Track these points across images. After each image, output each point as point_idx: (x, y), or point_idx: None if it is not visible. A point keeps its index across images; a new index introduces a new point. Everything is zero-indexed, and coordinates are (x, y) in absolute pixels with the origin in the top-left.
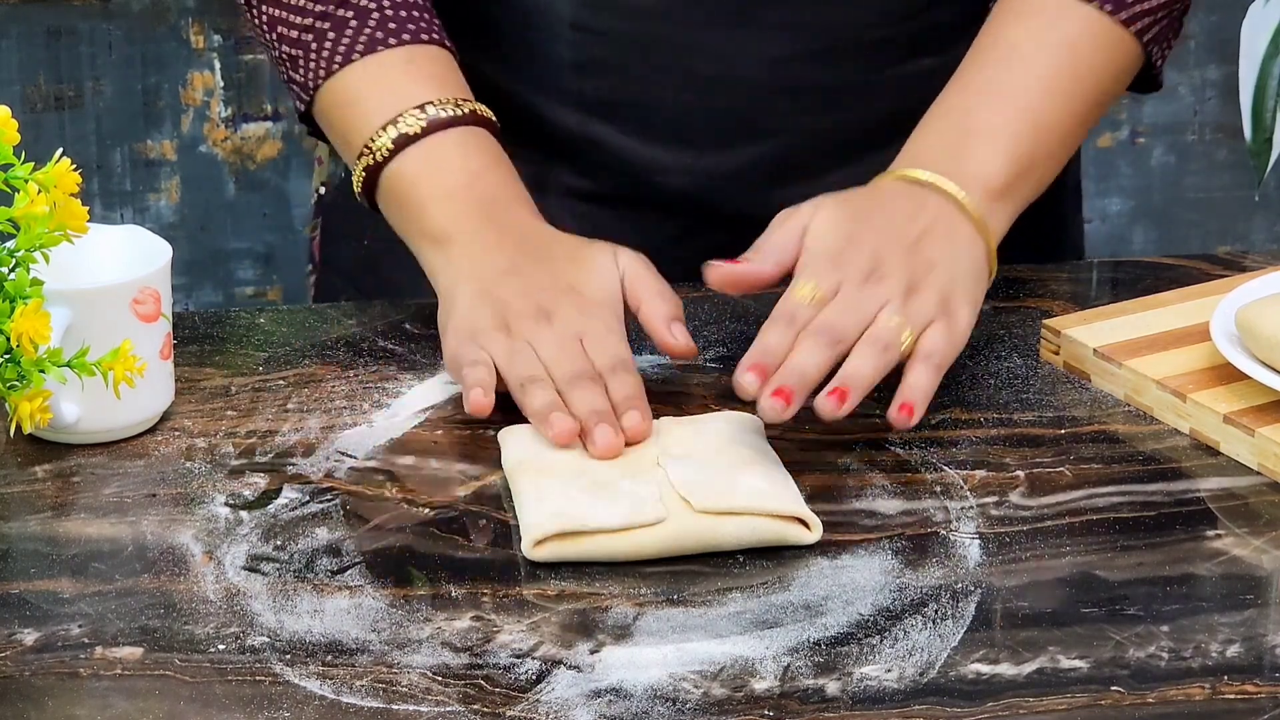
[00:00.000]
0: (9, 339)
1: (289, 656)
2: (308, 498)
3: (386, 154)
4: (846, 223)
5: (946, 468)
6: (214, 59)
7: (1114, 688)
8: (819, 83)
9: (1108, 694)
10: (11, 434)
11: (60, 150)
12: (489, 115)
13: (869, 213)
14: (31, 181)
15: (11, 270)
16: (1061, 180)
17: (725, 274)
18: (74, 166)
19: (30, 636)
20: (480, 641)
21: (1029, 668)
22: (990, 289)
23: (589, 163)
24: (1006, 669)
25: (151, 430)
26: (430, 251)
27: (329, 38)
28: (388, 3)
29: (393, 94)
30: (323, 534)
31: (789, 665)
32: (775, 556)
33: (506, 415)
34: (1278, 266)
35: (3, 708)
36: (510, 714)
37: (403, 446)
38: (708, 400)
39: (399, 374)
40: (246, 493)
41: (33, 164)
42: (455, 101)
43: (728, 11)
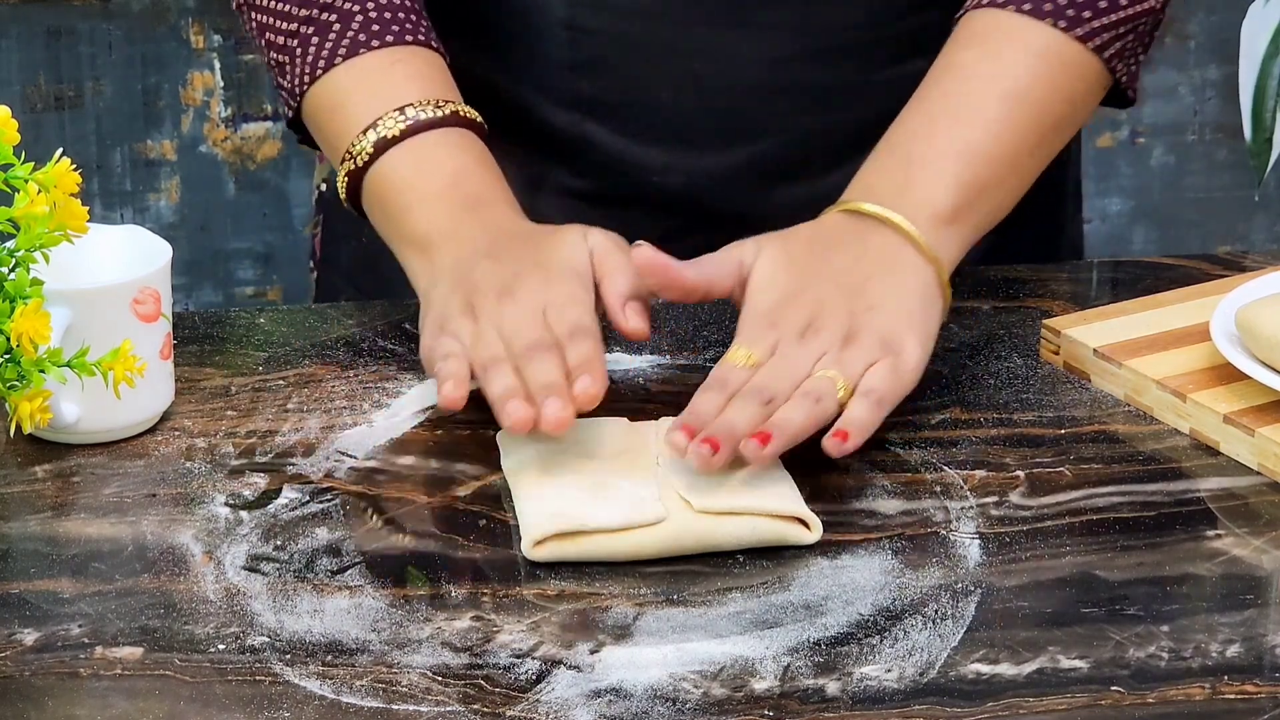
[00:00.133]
0: (9, 339)
1: (289, 656)
2: (308, 498)
3: (367, 158)
4: (785, 273)
5: (946, 468)
6: (214, 59)
7: (1114, 688)
8: (813, 83)
9: (1108, 694)
10: (11, 434)
11: (60, 150)
12: (473, 116)
13: (810, 258)
14: (31, 181)
15: (11, 270)
16: (1061, 181)
17: (650, 257)
18: (74, 166)
19: (30, 636)
20: (480, 641)
21: (1029, 668)
22: (990, 289)
23: (583, 162)
24: (1006, 669)
25: (151, 430)
26: (412, 256)
27: (312, 43)
28: (372, 5)
29: (374, 97)
30: (323, 534)
31: (789, 665)
32: (775, 556)
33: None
34: (1278, 266)
35: (3, 708)
36: (510, 714)
37: (403, 446)
38: None
39: (399, 374)
40: (246, 493)
41: (33, 164)
42: (436, 103)
43: (721, 11)
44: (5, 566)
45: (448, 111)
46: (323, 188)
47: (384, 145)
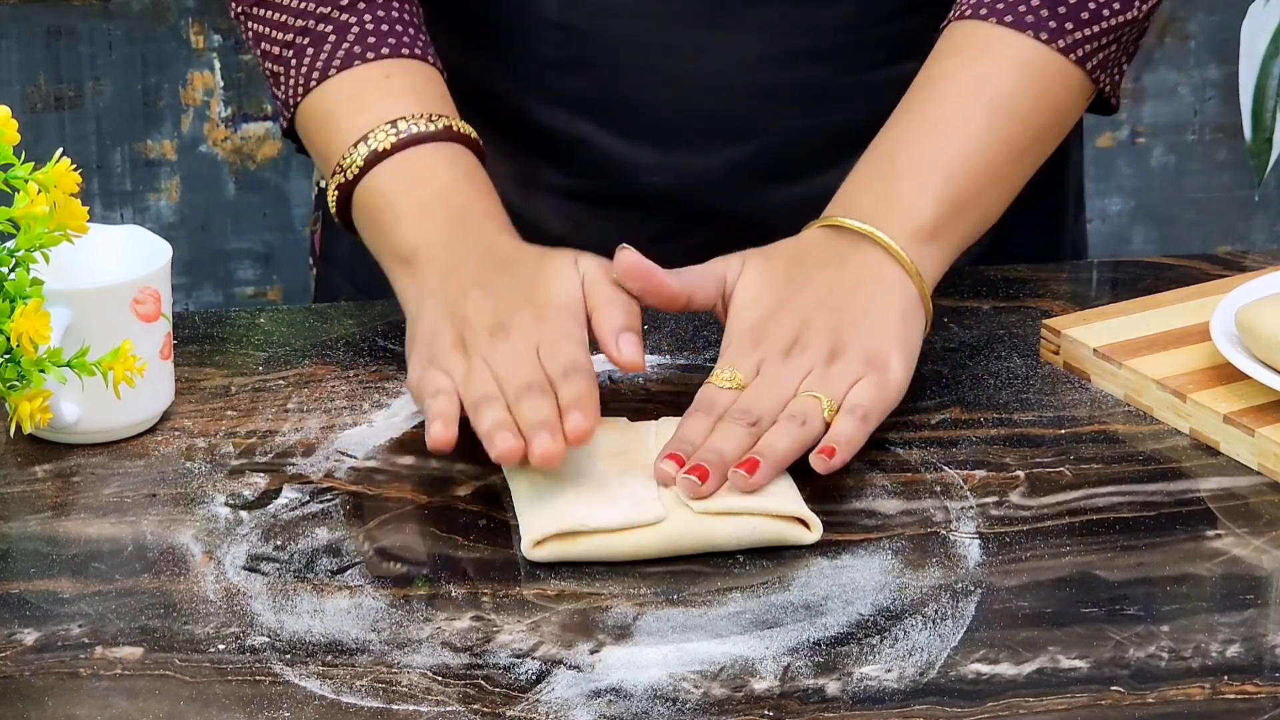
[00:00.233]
0: (9, 339)
1: (289, 656)
2: (308, 498)
3: (358, 171)
4: (768, 290)
5: (946, 468)
6: (214, 59)
7: (1114, 688)
8: (802, 84)
9: (1108, 694)
10: (11, 434)
11: (60, 150)
12: (467, 131)
13: (792, 275)
14: (31, 181)
15: (11, 270)
16: (1062, 183)
17: (632, 262)
18: (74, 166)
19: (30, 636)
20: (480, 641)
21: (1029, 668)
22: (990, 289)
23: (575, 161)
24: (1006, 669)
25: (151, 430)
26: (399, 273)
27: (307, 54)
28: (369, 17)
29: (366, 110)
30: (323, 534)
31: (789, 665)
32: (775, 556)
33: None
34: (1278, 266)
35: (3, 708)
36: (510, 714)
37: (403, 446)
38: None
39: (399, 374)
40: (246, 493)
41: (33, 164)
42: (429, 116)
43: (711, 12)
44: (5, 566)
45: (440, 126)
46: (322, 184)
47: (375, 158)
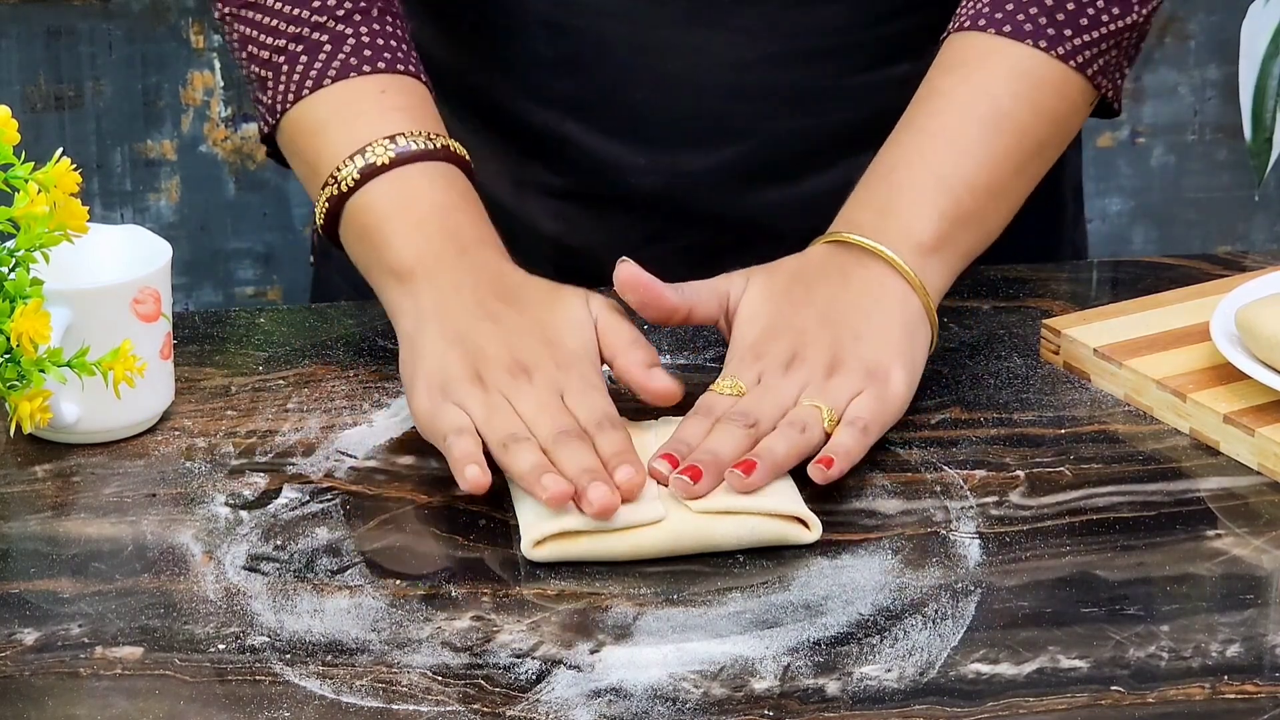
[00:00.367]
0: (9, 339)
1: (289, 656)
2: (308, 498)
3: (352, 184)
4: (771, 305)
5: (946, 468)
6: (214, 59)
7: (1114, 688)
8: (791, 86)
9: (1108, 694)
10: (11, 434)
11: (60, 150)
12: (461, 152)
13: (795, 290)
14: (31, 181)
15: (11, 270)
16: (1058, 183)
17: (632, 274)
18: (74, 166)
19: (30, 636)
20: (480, 641)
21: (1029, 668)
22: (990, 289)
23: (564, 161)
24: (1006, 669)
25: (151, 430)
26: (393, 288)
27: (301, 61)
28: (365, 31)
29: (363, 123)
30: (323, 534)
31: (789, 665)
32: (775, 556)
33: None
34: (1278, 266)
35: (3, 708)
36: (510, 714)
37: (403, 446)
38: None
39: (399, 373)
40: (246, 493)
41: (33, 164)
42: (427, 135)
43: (699, 13)
44: (5, 566)
45: (438, 145)
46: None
47: (371, 172)
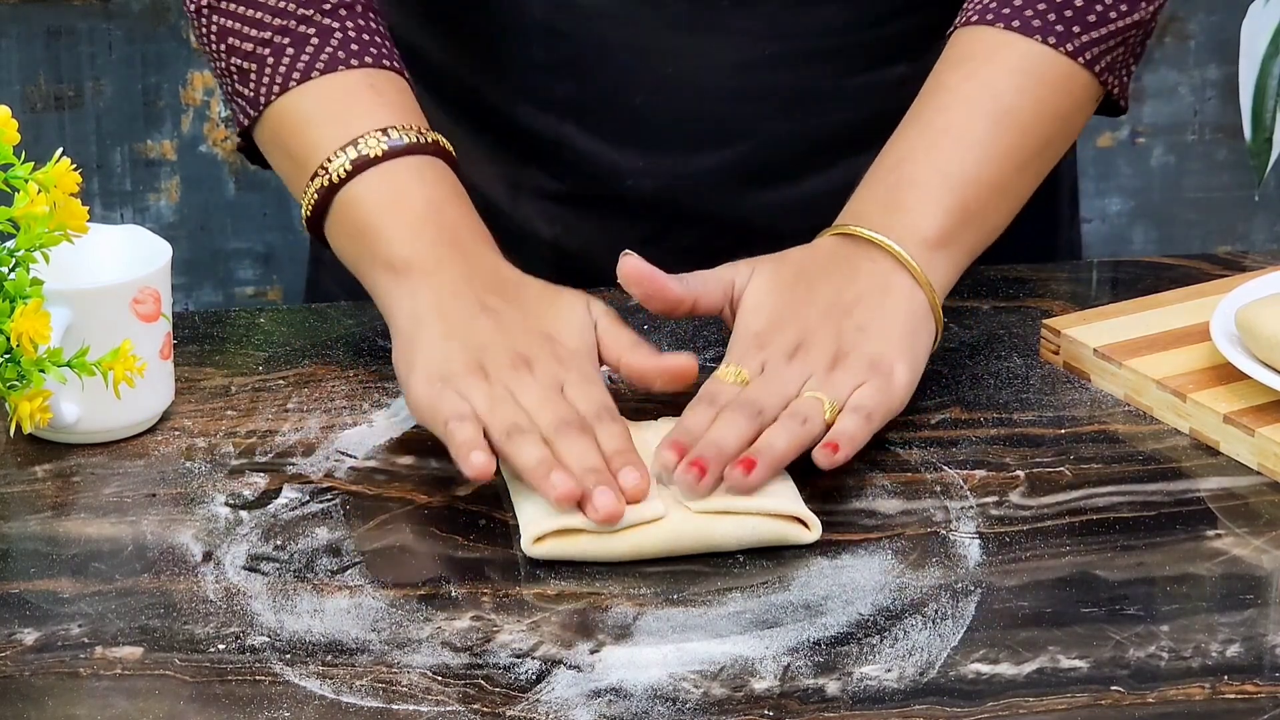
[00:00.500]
0: (9, 339)
1: (289, 656)
2: (308, 498)
3: (344, 175)
4: (776, 296)
5: (946, 468)
6: None
7: (1114, 688)
8: (788, 88)
9: (1108, 694)
10: (11, 434)
11: (60, 150)
12: (448, 148)
13: (800, 282)
14: (31, 181)
15: (11, 270)
16: (1056, 182)
17: (636, 267)
18: (74, 166)
19: (30, 636)
20: (480, 641)
21: (1029, 668)
22: (990, 289)
23: (561, 164)
24: (1006, 669)
25: (151, 430)
26: (387, 282)
27: (287, 53)
28: (350, 26)
29: (353, 115)
30: (323, 534)
31: (789, 665)
32: (775, 556)
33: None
34: (1278, 266)
35: (3, 708)
36: (510, 714)
37: (403, 446)
38: None
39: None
40: (246, 493)
41: (33, 164)
42: (418, 129)
43: (696, 16)
44: (5, 566)
45: (429, 139)
46: None
47: (364, 164)
